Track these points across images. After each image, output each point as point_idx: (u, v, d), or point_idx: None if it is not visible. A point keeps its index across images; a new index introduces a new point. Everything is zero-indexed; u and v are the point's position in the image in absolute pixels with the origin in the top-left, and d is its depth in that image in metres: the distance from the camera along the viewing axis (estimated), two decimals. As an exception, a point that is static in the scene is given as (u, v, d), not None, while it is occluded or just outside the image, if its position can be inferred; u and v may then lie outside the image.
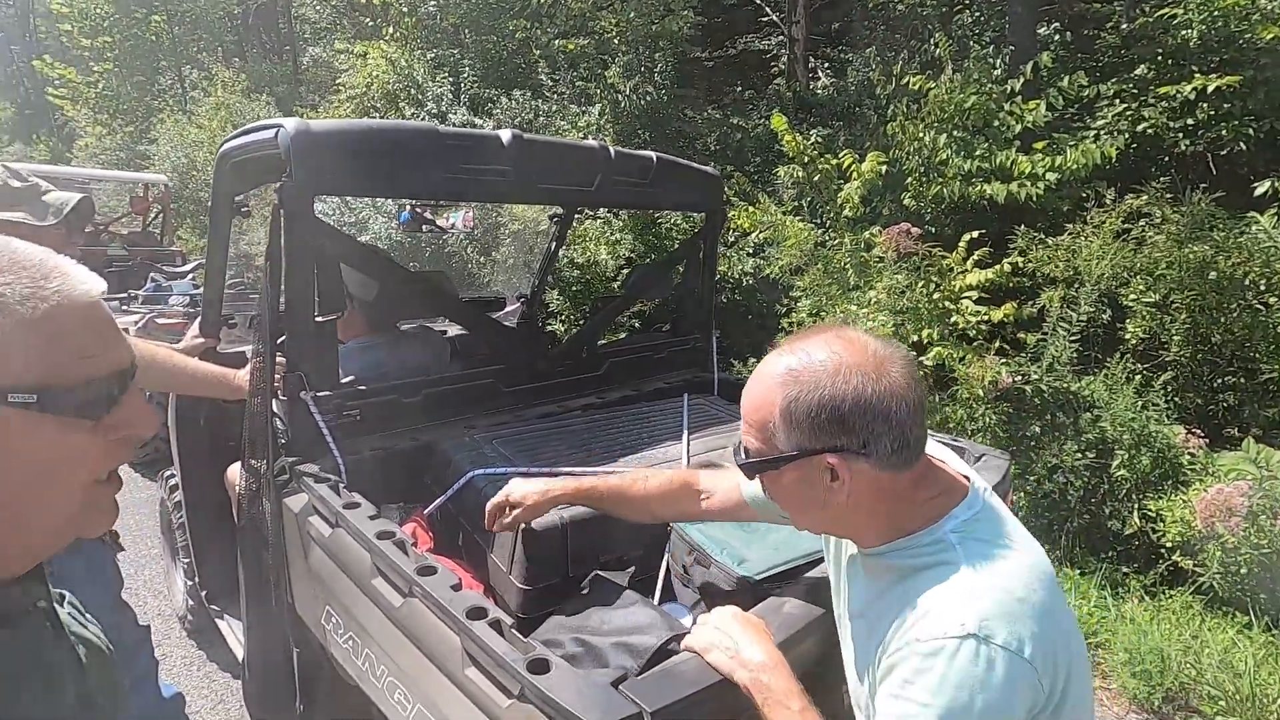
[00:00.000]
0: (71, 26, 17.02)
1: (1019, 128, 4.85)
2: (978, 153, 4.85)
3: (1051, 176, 4.52)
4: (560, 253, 5.93)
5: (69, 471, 0.59)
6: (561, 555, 1.43)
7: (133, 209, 8.35)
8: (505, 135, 1.84)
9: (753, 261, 5.97)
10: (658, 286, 2.71)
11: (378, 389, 1.84)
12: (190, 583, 2.65)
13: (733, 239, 6.20)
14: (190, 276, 5.51)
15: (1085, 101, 5.11)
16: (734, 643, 0.99)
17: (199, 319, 2.21)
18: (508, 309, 3.41)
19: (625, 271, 5.71)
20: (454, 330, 2.73)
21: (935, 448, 1.00)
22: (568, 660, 1.16)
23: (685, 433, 1.90)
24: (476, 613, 1.09)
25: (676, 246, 4.77)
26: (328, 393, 1.72)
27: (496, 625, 1.07)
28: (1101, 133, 4.79)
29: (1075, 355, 3.85)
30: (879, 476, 0.87)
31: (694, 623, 1.11)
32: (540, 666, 0.98)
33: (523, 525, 1.40)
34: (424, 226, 2.95)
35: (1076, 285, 3.99)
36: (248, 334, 2.23)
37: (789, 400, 0.86)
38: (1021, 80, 4.81)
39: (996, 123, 4.90)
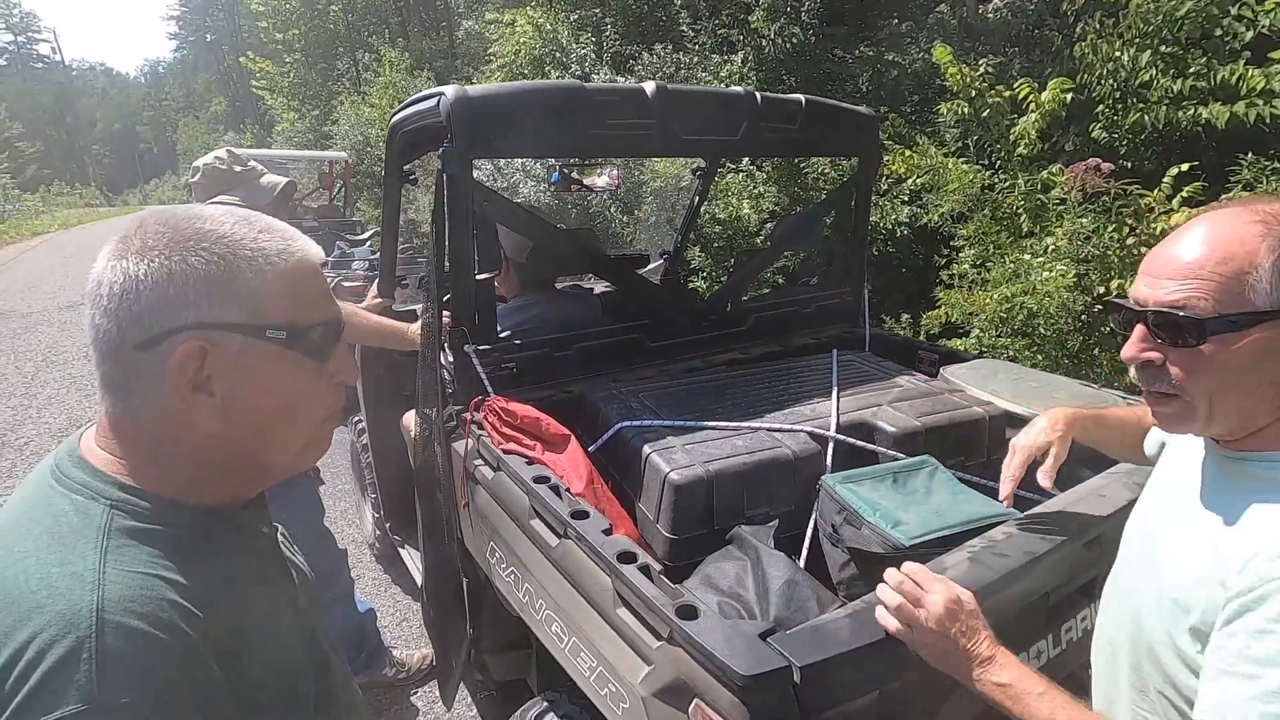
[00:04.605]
0: (267, 23, 19.14)
1: (1250, 35, 4.03)
2: (1192, 70, 4.10)
3: (1295, 91, 3.74)
4: (702, 208, 5.87)
5: (306, 406, 0.69)
6: (707, 507, 1.44)
7: (320, 184, 9.34)
8: (649, 87, 1.82)
9: (908, 210, 5.54)
10: (804, 238, 2.60)
11: (532, 343, 1.93)
12: (377, 515, 3.01)
13: (886, 187, 5.79)
14: (368, 243, 6.10)
15: (1347, -6, 4.14)
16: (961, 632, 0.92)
17: (376, 281, 2.45)
18: (651, 266, 3.44)
19: (769, 226, 5.54)
20: (600, 288, 2.80)
21: None
22: (719, 609, 1.18)
23: (835, 389, 1.82)
24: (627, 557, 1.14)
25: (825, 196, 4.54)
26: (487, 347, 1.83)
27: (646, 570, 1.10)
28: (1369, 32, 3.86)
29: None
30: None
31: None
32: (689, 612, 1.00)
33: (670, 476, 1.43)
34: (573, 186, 3.04)
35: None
36: (417, 294, 2.44)
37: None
38: (1257, -25, 3.98)
39: (1219, 31, 4.10)
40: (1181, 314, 0.76)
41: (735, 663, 0.89)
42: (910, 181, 5.21)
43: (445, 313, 1.82)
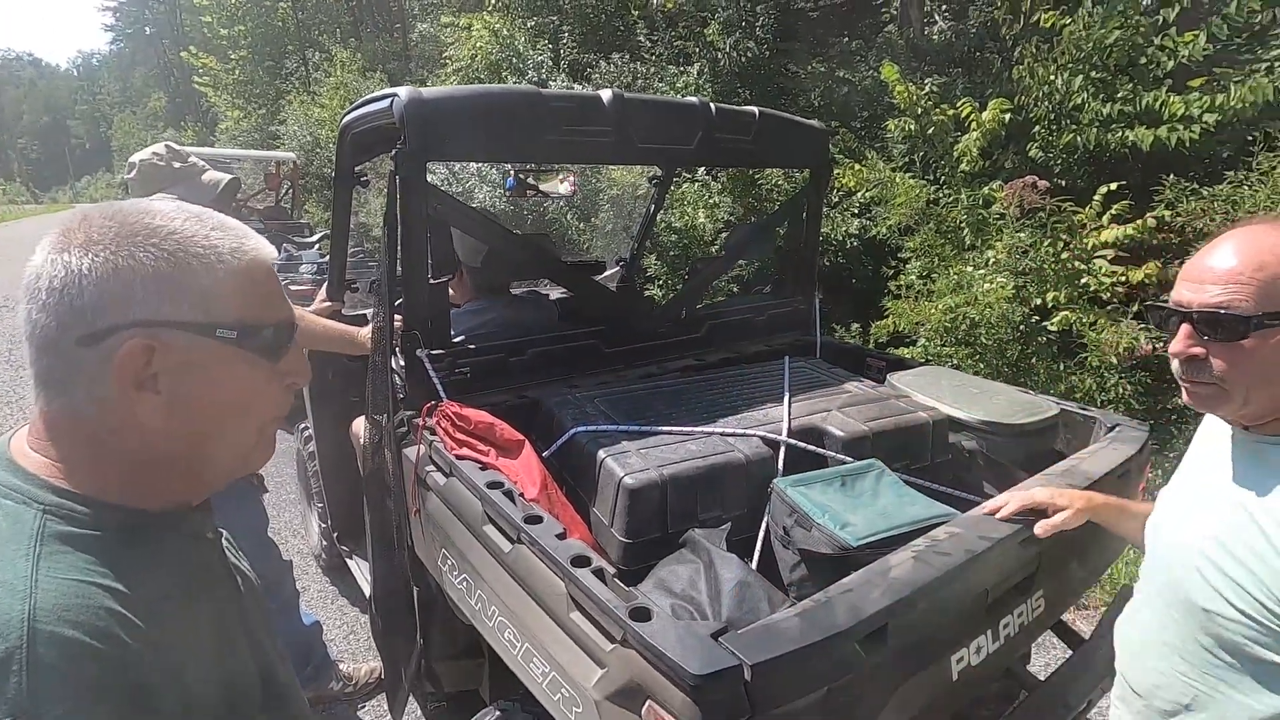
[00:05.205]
0: (211, 18, 18.51)
1: (1171, 64, 4.30)
2: (1120, 95, 4.35)
3: (1210, 118, 3.99)
4: (658, 217, 5.90)
5: (255, 407, 0.68)
6: (661, 511, 1.45)
7: (266, 185, 9.07)
8: (606, 95, 1.83)
9: (858, 223, 5.70)
10: (757, 247, 2.66)
11: (487, 348, 1.92)
12: (323, 525, 2.92)
13: (836, 199, 5.94)
14: (317, 246, 5.95)
15: (1256, 29, 4.45)
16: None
17: (325, 284, 2.39)
18: (607, 273, 3.45)
19: (724, 235, 5.61)
20: (557, 294, 2.80)
21: None
22: (673, 611, 1.19)
23: (787, 395, 1.86)
24: (580, 561, 1.14)
25: (778, 207, 4.64)
26: (440, 351, 1.81)
27: (600, 573, 1.10)
28: (1276, 64, 4.16)
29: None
30: None
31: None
32: (642, 615, 1.01)
33: (624, 480, 1.44)
34: (528, 192, 3.03)
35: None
36: (368, 298, 2.39)
37: None
38: (1176, 9, 4.24)
39: (1144, 60, 4.36)
40: (1225, 312, 0.89)
41: (687, 663, 0.90)
42: (860, 195, 5.36)
43: (397, 317, 1.79)
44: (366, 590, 2.23)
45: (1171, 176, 4.01)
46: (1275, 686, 0.89)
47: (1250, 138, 3.98)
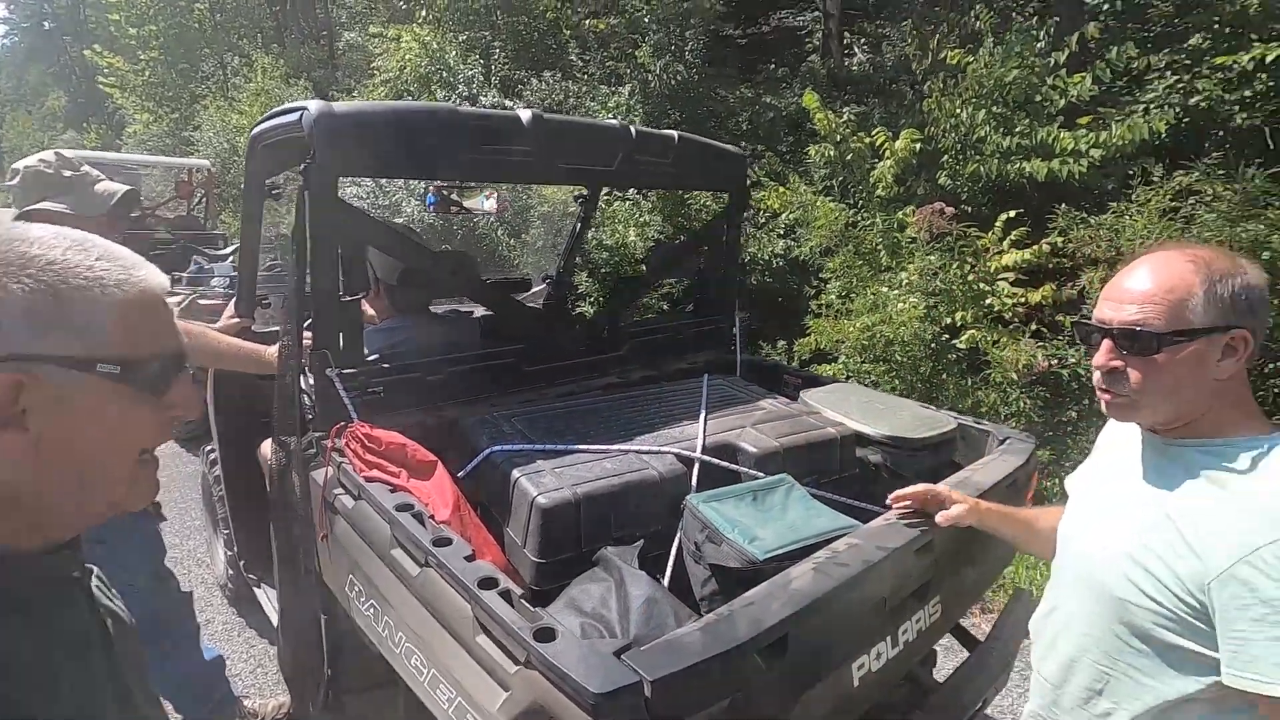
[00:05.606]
0: (119, 15, 17.49)
1: (1062, 103, 4.66)
2: (1018, 129, 4.68)
3: (1096, 153, 4.35)
4: (589, 234, 5.91)
5: (131, 442, 0.65)
6: (575, 530, 1.45)
7: (178, 194, 8.61)
8: (525, 115, 1.85)
9: (783, 243, 5.89)
10: (680, 267, 2.71)
11: (401, 367, 1.88)
12: (230, 553, 2.77)
13: (763, 220, 6.12)
14: (231, 259, 5.67)
15: (1134, 74, 4.89)
16: None
17: (234, 299, 2.29)
18: (534, 290, 3.44)
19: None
20: (482, 312, 2.77)
21: None
22: (581, 630, 1.20)
23: (703, 413, 1.90)
24: (488, 583, 1.13)
25: (701, 227, 4.74)
26: (353, 370, 1.77)
27: (506, 595, 1.10)
28: (1151, 106, 4.57)
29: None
30: (1244, 367, 0.99)
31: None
32: (546, 635, 1.01)
33: (537, 499, 1.43)
34: (452, 209, 2.99)
35: (1120, 266, 3.84)
36: (280, 314, 2.31)
37: (1211, 280, 0.96)
38: (1066, 53, 4.62)
39: (1039, 98, 4.72)
40: (1141, 330, 0.98)
41: (588, 681, 0.91)
42: (785, 216, 5.55)
43: (307, 335, 1.74)
44: (274, 620, 2.13)
45: (1064, 206, 4.34)
46: (1183, 669, 0.96)
47: (1130, 173, 4.36)
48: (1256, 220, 3.50)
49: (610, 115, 6.54)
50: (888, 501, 1.44)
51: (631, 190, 6.08)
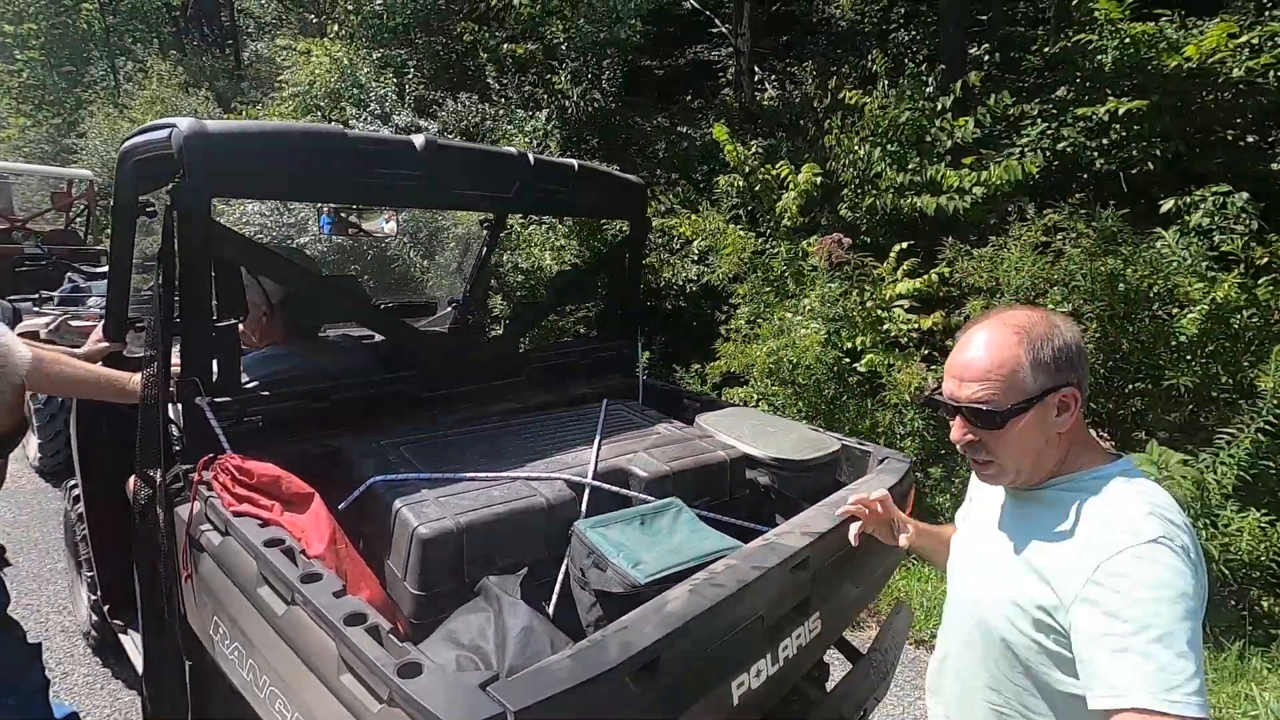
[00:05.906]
0: (-6, 12, 16.16)
1: (949, 143, 5.04)
2: (910, 166, 5.02)
3: (978, 191, 4.71)
4: (504, 258, 5.86)
5: None
6: (457, 560, 1.43)
7: (55, 205, 7.97)
8: (419, 140, 1.83)
9: (696, 269, 6.04)
10: (582, 292, 2.73)
11: (281, 395, 1.80)
12: (94, 597, 2.55)
13: (677, 246, 6.26)
14: (113, 277, 5.28)
15: (1011, 120, 5.34)
16: None
17: (102, 323, 2.14)
18: (440, 314, 3.38)
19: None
20: (378, 337, 2.69)
21: None
22: (457, 663, 1.17)
23: (598, 438, 1.91)
24: (355, 619, 1.09)
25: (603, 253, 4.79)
26: (227, 399, 1.68)
27: (374, 631, 1.06)
28: (1025, 150, 5.01)
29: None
30: (1080, 412, 1.08)
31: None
32: (411, 670, 0.98)
33: (418, 530, 1.40)
34: (350, 230, 2.91)
35: (998, 295, 4.16)
36: (145, 338, 2.17)
37: (1034, 349, 1.05)
38: (952, 97, 5.00)
39: (928, 138, 5.08)
40: (985, 408, 1.07)
41: (449, 716, 0.89)
42: (697, 243, 5.70)
43: (176, 361, 1.64)
44: (140, 668, 1.97)
45: (950, 239, 4.66)
46: (1069, 706, 1.02)
47: (1009, 210, 4.74)
48: (1113, 255, 3.87)
49: (527, 139, 6.55)
50: (849, 503, 1.45)
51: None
